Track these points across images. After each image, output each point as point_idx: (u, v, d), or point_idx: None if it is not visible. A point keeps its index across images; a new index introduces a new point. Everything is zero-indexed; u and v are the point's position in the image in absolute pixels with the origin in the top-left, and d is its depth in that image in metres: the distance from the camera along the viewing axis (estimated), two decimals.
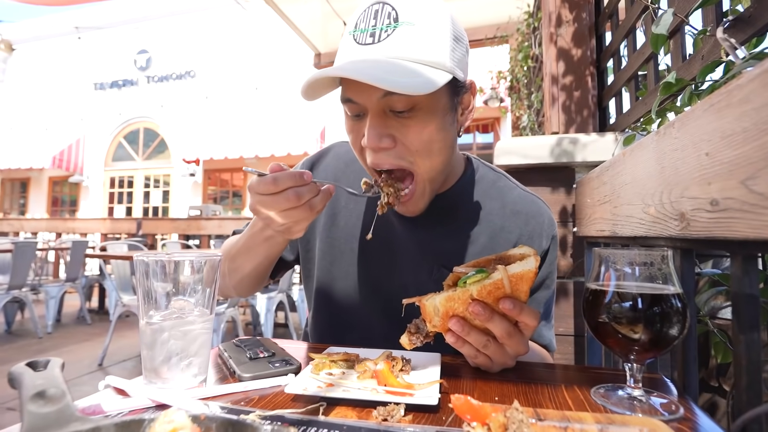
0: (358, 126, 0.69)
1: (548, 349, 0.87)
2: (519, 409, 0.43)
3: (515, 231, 0.80)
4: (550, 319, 0.88)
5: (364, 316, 0.86)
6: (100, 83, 11.13)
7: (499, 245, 0.79)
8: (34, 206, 11.73)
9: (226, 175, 10.56)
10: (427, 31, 0.63)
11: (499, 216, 0.81)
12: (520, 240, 0.80)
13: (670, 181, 0.66)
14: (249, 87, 9.79)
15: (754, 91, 0.44)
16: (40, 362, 0.45)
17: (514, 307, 0.54)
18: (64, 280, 4.81)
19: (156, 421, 0.35)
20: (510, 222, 0.80)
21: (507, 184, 0.85)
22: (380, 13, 0.63)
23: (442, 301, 0.57)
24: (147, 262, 0.57)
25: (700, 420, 0.50)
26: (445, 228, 0.81)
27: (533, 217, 0.81)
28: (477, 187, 0.83)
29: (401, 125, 0.66)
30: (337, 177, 0.89)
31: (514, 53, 3.62)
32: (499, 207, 0.82)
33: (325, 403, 0.52)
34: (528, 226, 0.80)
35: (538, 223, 0.80)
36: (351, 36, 0.65)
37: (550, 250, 0.81)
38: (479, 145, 8.67)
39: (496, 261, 0.60)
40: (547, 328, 0.87)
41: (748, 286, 0.52)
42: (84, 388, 2.91)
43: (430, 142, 0.67)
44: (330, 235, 0.87)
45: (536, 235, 0.80)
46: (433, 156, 0.69)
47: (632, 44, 1.34)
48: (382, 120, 0.66)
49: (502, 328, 0.56)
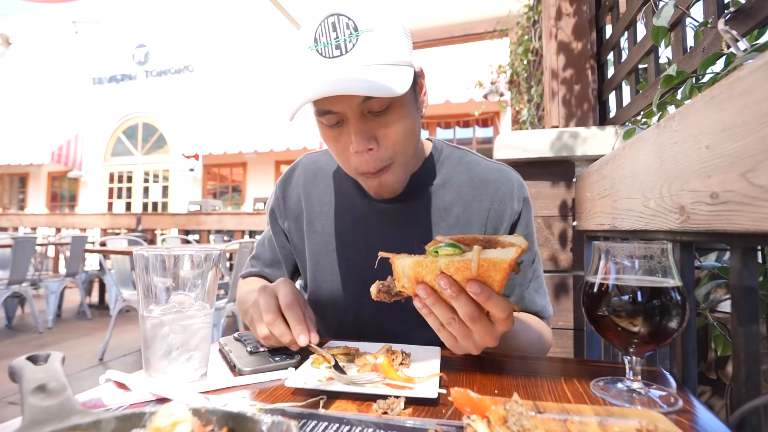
0: (339, 134, 0.72)
1: (542, 315, 0.86)
2: (518, 401, 0.43)
3: (486, 199, 0.83)
4: (539, 283, 0.87)
5: (356, 309, 0.87)
6: (99, 78, 11.07)
7: (474, 214, 0.83)
8: (33, 201, 11.72)
9: (226, 170, 10.54)
10: (386, 33, 0.66)
11: (469, 187, 0.84)
12: (492, 206, 0.83)
13: (670, 174, 0.66)
14: (248, 81, 9.74)
15: (756, 83, 0.44)
16: (40, 356, 0.45)
17: (481, 292, 0.51)
18: (64, 276, 4.81)
19: (157, 414, 0.35)
20: (480, 191, 0.84)
21: (473, 158, 0.89)
22: (338, 25, 0.65)
23: (410, 264, 0.55)
24: (146, 256, 0.57)
25: (699, 412, 0.50)
26: (419, 206, 0.84)
27: (502, 182, 0.84)
28: (444, 164, 0.87)
29: (381, 125, 0.70)
30: (307, 189, 0.94)
31: (514, 47, 3.60)
32: (468, 179, 0.85)
33: (325, 397, 0.53)
34: (498, 192, 0.83)
35: (507, 188, 0.84)
36: (314, 51, 0.66)
37: (523, 211, 0.84)
38: (479, 140, 8.65)
39: (484, 241, 0.57)
40: (538, 293, 0.86)
41: (747, 279, 0.52)
42: (85, 383, 2.93)
43: (406, 134, 0.73)
44: (311, 242, 0.91)
45: (507, 199, 0.83)
46: (406, 146, 0.74)
47: (633, 37, 1.33)
48: (365, 123, 0.70)
49: (467, 311, 0.53)
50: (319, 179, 0.93)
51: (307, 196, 0.93)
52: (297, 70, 0.70)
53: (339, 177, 0.92)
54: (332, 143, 0.74)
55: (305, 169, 0.96)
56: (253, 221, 5.56)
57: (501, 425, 0.41)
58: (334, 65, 0.65)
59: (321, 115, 0.70)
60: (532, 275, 0.87)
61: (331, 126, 0.72)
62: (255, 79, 9.67)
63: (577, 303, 1.39)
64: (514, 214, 0.83)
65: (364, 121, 0.70)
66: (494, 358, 0.73)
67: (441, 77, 7.40)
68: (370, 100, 0.67)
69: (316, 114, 0.71)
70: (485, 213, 0.83)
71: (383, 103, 0.68)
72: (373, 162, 0.72)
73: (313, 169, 0.95)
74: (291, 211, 0.94)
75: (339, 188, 0.91)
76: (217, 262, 0.62)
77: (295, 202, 0.94)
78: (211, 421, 0.36)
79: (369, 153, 0.71)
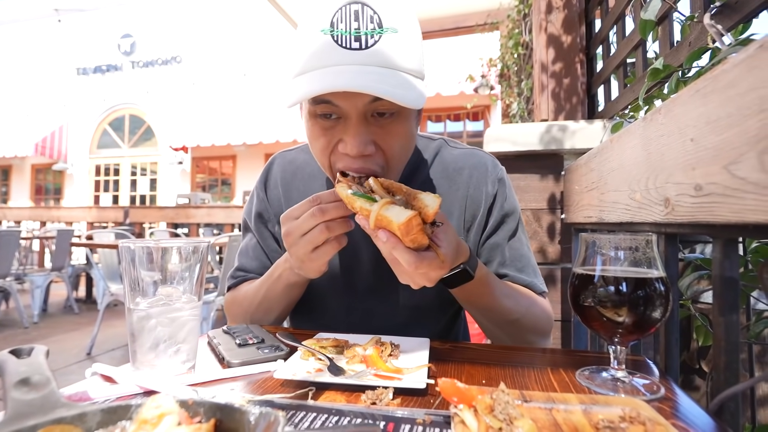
0: (330, 128, 0.66)
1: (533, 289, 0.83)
2: (505, 390, 0.44)
3: (462, 187, 0.84)
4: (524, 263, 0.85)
5: (347, 304, 0.88)
6: (83, 68, 10.82)
7: (451, 204, 0.83)
8: (16, 194, 11.47)
9: (215, 162, 10.42)
10: (409, 38, 0.63)
11: (445, 179, 0.85)
12: (468, 193, 0.83)
13: (655, 167, 0.67)
14: (237, 73, 9.61)
15: (739, 76, 0.45)
16: (23, 350, 0.44)
17: (387, 240, 0.55)
18: (49, 270, 4.73)
19: (143, 406, 0.35)
20: (455, 181, 0.84)
21: (446, 149, 0.88)
22: (361, 15, 0.59)
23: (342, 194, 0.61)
24: (133, 249, 0.57)
25: (680, 399, 0.52)
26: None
27: (475, 168, 0.84)
28: (420, 158, 0.87)
29: (382, 130, 0.65)
30: (286, 190, 0.91)
31: (504, 40, 3.60)
32: (442, 171, 0.85)
33: (314, 388, 0.53)
34: (472, 179, 0.83)
35: (480, 172, 0.84)
36: (328, 35, 0.60)
37: (498, 193, 0.83)
38: (469, 133, 8.66)
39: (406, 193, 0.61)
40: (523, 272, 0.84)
41: (728, 270, 0.53)
42: (72, 377, 2.89)
43: (406, 144, 0.69)
44: None
45: (482, 184, 0.83)
46: (404, 157, 0.71)
47: (621, 31, 1.34)
48: (366, 126, 0.64)
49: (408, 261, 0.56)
50: (298, 180, 0.91)
51: (287, 198, 0.90)
52: (303, 50, 0.62)
53: (320, 175, 0.90)
54: (318, 137, 0.67)
55: (282, 169, 0.93)
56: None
57: (488, 414, 0.41)
58: (350, 57, 0.59)
59: (317, 104, 0.63)
60: (510, 253, 0.84)
61: (322, 117, 0.65)
62: (244, 70, 9.54)
63: (565, 295, 1.41)
64: (489, 197, 0.83)
65: (366, 123, 0.64)
66: (481, 348, 0.73)
67: (432, 70, 7.37)
68: (380, 102, 0.61)
69: (311, 102, 0.64)
70: (463, 201, 0.84)
71: (391, 108, 0.63)
72: (362, 165, 0.65)
73: (291, 170, 0.92)
74: (276, 214, 0.91)
75: (321, 187, 0.89)
76: (206, 255, 0.62)
77: (276, 204, 0.91)
78: (199, 413, 0.36)
79: (362, 157, 0.65)
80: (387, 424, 0.44)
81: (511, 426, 0.40)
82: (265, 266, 0.91)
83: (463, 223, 0.84)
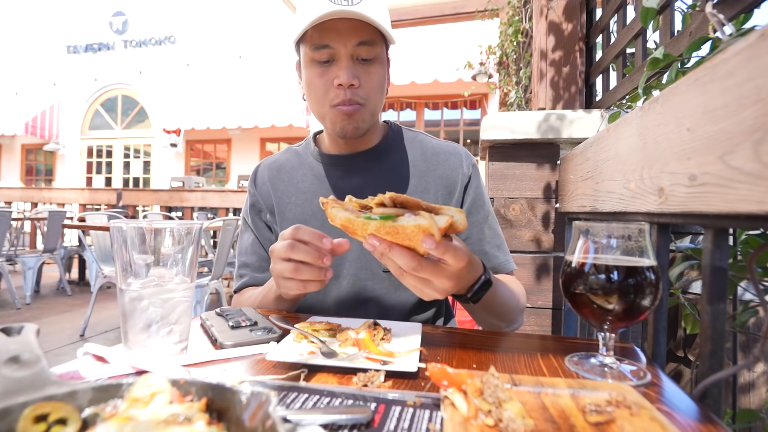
0: (326, 71, 0.84)
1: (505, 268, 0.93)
2: (495, 374, 0.44)
3: (439, 168, 0.95)
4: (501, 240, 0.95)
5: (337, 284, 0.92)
6: (74, 46, 10.56)
7: (429, 182, 0.94)
8: (6, 175, 11.30)
9: (209, 146, 10.30)
10: (382, 4, 0.83)
11: (423, 160, 0.96)
12: (444, 173, 0.94)
13: (651, 156, 0.67)
14: (232, 55, 9.44)
15: (738, 66, 0.45)
16: (13, 328, 0.44)
17: (436, 248, 0.53)
18: (41, 251, 4.70)
19: (135, 385, 0.35)
20: (433, 162, 0.95)
21: (424, 137, 1.01)
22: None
23: (342, 218, 0.56)
24: (125, 229, 0.56)
25: (666, 385, 0.53)
26: (379, 177, 0.94)
27: (452, 154, 0.96)
28: (399, 141, 0.99)
29: (364, 71, 0.84)
30: (273, 183, 1.00)
31: (504, 27, 3.55)
32: (421, 153, 0.97)
33: (306, 370, 0.53)
34: (449, 162, 0.95)
35: (456, 158, 0.96)
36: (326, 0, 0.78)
37: (472, 176, 0.95)
38: (466, 122, 8.61)
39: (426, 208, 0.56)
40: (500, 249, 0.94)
41: (718, 259, 0.54)
42: (65, 358, 2.90)
43: (379, 85, 0.87)
44: (283, 228, 0.95)
45: (458, 166, 0.95)
46: (378, 95, 0.88)
47: (622, 20, 1.32)
48: (353, 64, 0.83)
49: (406, 261, 0.55)
50: (283, 174, 1.00)
51: (274, 189, 0.99)
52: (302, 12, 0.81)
53: (302, 167, 1.00)
54: (317, 78, 0.84)
55: (268, 167, 1.03)
56: (238, 198, 5.49)
57: (477, 397, 0.42)
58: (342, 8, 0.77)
59: (316, 49, 0.82)
60: (489, 232, 0.94)
61: (321, 62, 0.83)
62: (239, 52, 9.37)
63: (556, 283, 1.42)
64: (465, 178, 0.94)
65: (352, 63, 0.83)
66: (473, 333, 0.74)
67: (430, 56, 7.29)
68: (363, 45, 0.81)
69: (311, 50, 0.82)
70: (439, 180, 0.94)
71: (370, 54, 0.83)
72: (351, 96, 0.83)
73: (276, 167, 1.02)
74: (267, 205, 1.00)
75: (303, 177, 0.98)
76: (198, 237, 0.61)
77: (266, 197, 1.00)
78: (190, 392, 0.36)
79: (350, 88, 0.82)
80: (378, 406, 0.44)
81: (500, 408, 0.40)
82: (264, 258, 0.99)
83: (439, 199, 0.93)
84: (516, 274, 0.98)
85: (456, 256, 0.56)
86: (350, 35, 0.80)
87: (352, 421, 0.41)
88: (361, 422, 0.41)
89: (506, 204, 1.45)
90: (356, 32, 0.80)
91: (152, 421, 0.30)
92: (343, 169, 0.96)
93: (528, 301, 1.43)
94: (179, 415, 0.32)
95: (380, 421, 0.41)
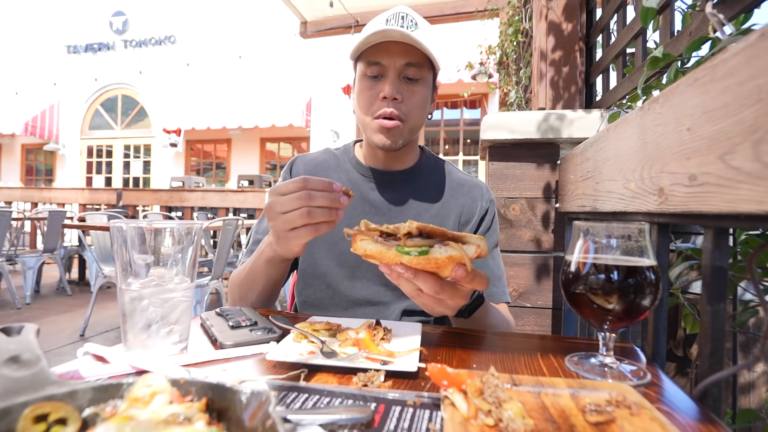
0: (374, 84, 0.92)
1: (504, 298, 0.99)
2: (495, 374, 0.44)
3: (461, 198, 1.02)
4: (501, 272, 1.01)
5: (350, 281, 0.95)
6: (74, 46, 10.55)
7: (450, 209, 1.01)
8: (6, 175, 11.29)
9: (209, 146, 10.30)
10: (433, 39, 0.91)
11: (448, 188, 1.03)
12: (465, 203, 1.02)
13: (651, 156, 0.67)
14: (232, 55, 9.43)
15: (738, 66, 0.45)
16: (13, 328, 0.44)
17: (469, 277, 0.57)
18: (41, 251, 4.69)
19: (135, 384, 0.35)
20: (456, 192, 1.03)
21: (452, 168, 1.09)
22: (405, 19, 0.89)
23: (372, 251, 0.58)
24: (125, 229, 0.56)
25: (666, 385, 0.53)
26: (408, 196, 1.01)
27: (473, 187, 1.04)
28: (430, 167, 1.06)
29: (408, 89, 0.91)
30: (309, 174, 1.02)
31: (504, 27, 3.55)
32: (447, 182, 1.05)
33: (306, 370, 0.53)
34: (470, 194, 1.03)
35: (477, 192, 1.03)
36: (383, 24, 0.87)
37: (489, 209, 1.03)
38: (466, 121, 8.61)
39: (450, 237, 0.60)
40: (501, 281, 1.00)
41: (718, 259, 0.53)
42: (65, 358, 2.90)
43: (420, 105, 0.94)
44: None
45: (478, 199, 1.02)
46: (418, 114, 0.94)
47: (622, 20, 1.32)
48: (398, 81, 0.91)
49: (428, 287, 0.59)
50: (320, 171, 1.05)
51: None
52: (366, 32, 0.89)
53: (339, 169, 1.04)
54: (366, 91, 0.92)
55: (305, 163, 1.07)
56: (238, 198, 5.48)
57: (477, 396, 0.42)
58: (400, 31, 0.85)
59: (369, 65, 0.91)
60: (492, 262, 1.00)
61: (371, 77, 0.92)
62: (240, 52, 9.36)
63: (556, 283, 1.42)
64: (482, 211, 1.02)
65: (398, 80, 0.91)
66: (473, 334, 0.74)
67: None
68: (410, 66, 0.89)
69: (365, 65, 0.91)
70: (460, 208, 1.01)
71: (417, 74, 0.91)
72: (393, 109, 0.90)
73: (314, 164, 1.07)
74: None
75: (338, 179, 1.01)
76: (199, 236, 0.61)
77: None
78: (190, 392, 0.36)
79: (393, 101, 0.90)
80: (378, 406, 0.44)
81: (500, 408, 0.40)
82: None
83: (457, 226, 1.00)
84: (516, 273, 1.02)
85: (482, 282, 0.60)
86: (400, 55, 0.89)
87: (352, 421, 0.41)
88: (361, 422, 0.41)
89: (506, 204, 1.45)
90: (406, 54, 0.88)
91: (152, 421, 0.30)
92: (377, 182, 1.01)
93: (528, 301, 1.43)
94: (179, 415, 0.32)
95: (380, 421, 0.41)
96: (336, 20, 4.53)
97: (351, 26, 4.55)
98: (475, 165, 8.53)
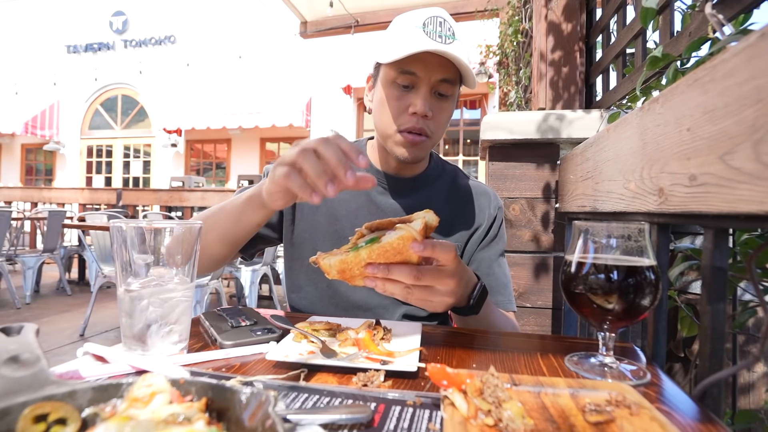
0: (404, 95, 0.87)
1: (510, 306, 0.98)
2: (494, 374, 0.44)
3: (469, 205, 1.02)
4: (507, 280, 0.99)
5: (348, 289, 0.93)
6: (74, 46, 10.55)
7: (457, 216, 0.99)
8: (6, 175, 11.28)
9: (209, 146, 10.29)
10: (467, 50, 0.87)
11: (457, 194, 1.02)
12: (473, 211, 1.01)
13: (651, 156, 0.67)
14: (232, 55, 9.43)
15: (738, 66, 0.45)
16: (13, 327, 0.44)
17: (425, 248, 0.57)
18: (41, 251, 4.69)
19: (134, 384, 0.35)
20: (464, 199, 1.02)
21: (460, 174, 1.08)
22: (444, 25, 0.84)
23: (335, 263, 0.60)
24: (124, 229, 0.56)
25: (665, 385, 0.53)
26: (416, 202, 0.98)
27: (481, 194, 1.03)
28: (439, 173, 1.05)
29: (438, 105, 0.88)
30: None
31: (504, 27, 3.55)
32: (457, 188, 1.03)
33: (306, 370, 0.53)
34: (478, 201, 1.02)
35: (485, 198, 1.03)
36: (419, 29, 0.82)
37: (497, 216, 1.02)
38: (466, 121, 8.61)
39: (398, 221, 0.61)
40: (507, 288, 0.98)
41: (718, 259, 0.53)
42: (65, 358, 2.88)
43: (446, 121, 0.92)
44: (315, 219, 0.97)
45: (485, 207, 1.02)
46: (442, 131, 0.92)
47: (622, 20, 1.32)
48: (431, 97, 0.87)
49: (406, 274, 0.58)
50: None
51: None
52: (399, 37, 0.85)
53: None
54: (394, 101, 0.87)
55: None
56: None
57: (477, 396, 0.42)
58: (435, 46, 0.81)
59: (401, 73, 0.85)
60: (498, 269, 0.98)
61: (401, 86, 0.86)
62: (240, 52, 9.36)
63: (556, 283, 1.42)
64: (490, 218, 1.00)
65: (430, 95, 0.86)
66: (473, 334, 0.74)
67: None
68: (444, 82, 0.85)
69: (396, 71, 0.85)
70: (468, 216, 1.00)
71: (449, 91, 0.87)
72: (422, 125, 0.87)
73: None
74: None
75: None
76: (198, 236, 0.61)
77: None
78: (190, 392, 0.36)
79: (423, 118, 0.86)
80: (378, 405, 0.44)
81: (499, 408, 0.40)
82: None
83: (466, 234, 0.98)
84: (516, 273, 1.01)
85: (444, 249, 0.59)
86: (436, 70, 0.84)
87: (352, 420, 0.41)
88: (360, 422, 0.41)
89: (506, 204, 1.45)
90: (442, 69, 0.84)
91: (152, 421, 0.30)
92: (386, 187, 0.99)
93: (528, 301, 1.43)
94: (179, 415, 0.32)
95: (380, 421, 0.41)
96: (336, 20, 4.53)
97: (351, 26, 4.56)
98: (475, 165, 8.53)
